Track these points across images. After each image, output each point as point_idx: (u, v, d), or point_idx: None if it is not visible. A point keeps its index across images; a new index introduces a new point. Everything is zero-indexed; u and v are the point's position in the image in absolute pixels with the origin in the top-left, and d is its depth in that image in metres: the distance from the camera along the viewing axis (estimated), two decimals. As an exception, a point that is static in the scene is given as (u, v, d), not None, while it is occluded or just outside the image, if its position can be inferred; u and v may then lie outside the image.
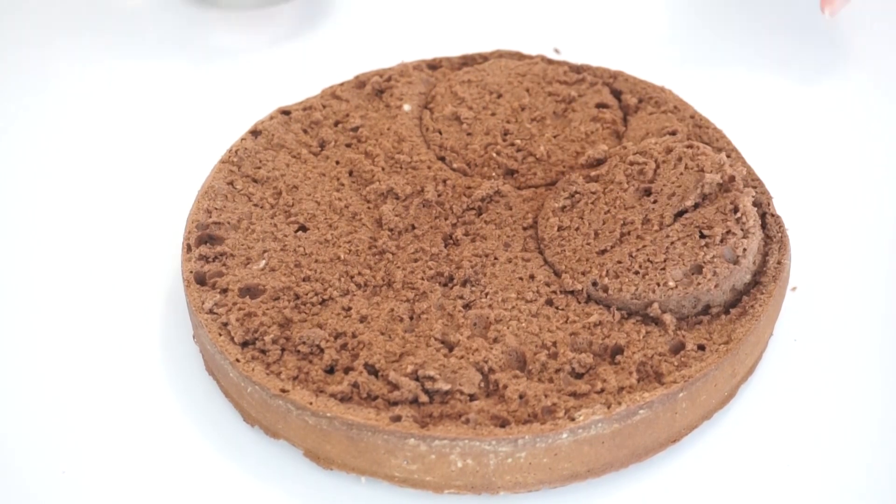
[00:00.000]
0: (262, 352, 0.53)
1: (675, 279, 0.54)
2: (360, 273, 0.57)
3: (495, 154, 0.62)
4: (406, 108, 0.65)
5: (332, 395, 0.51)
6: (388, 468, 0.51)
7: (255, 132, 0.63)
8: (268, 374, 0.52)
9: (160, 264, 0.62)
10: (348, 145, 0.63)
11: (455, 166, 0.62)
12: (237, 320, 0.54)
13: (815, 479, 0.52)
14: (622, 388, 0.51)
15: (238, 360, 0.53)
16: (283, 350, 0.54)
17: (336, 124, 0.64)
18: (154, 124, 0.71)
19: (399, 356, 0.53)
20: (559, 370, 0.52)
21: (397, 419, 0.50)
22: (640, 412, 0.51)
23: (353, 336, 0.54)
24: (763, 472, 0.53)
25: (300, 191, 0.60)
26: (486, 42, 0.73)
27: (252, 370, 0.53)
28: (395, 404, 0.51)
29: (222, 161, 0.62)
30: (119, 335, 0.59)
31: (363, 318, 0.55)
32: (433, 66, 0.68)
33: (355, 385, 0.52)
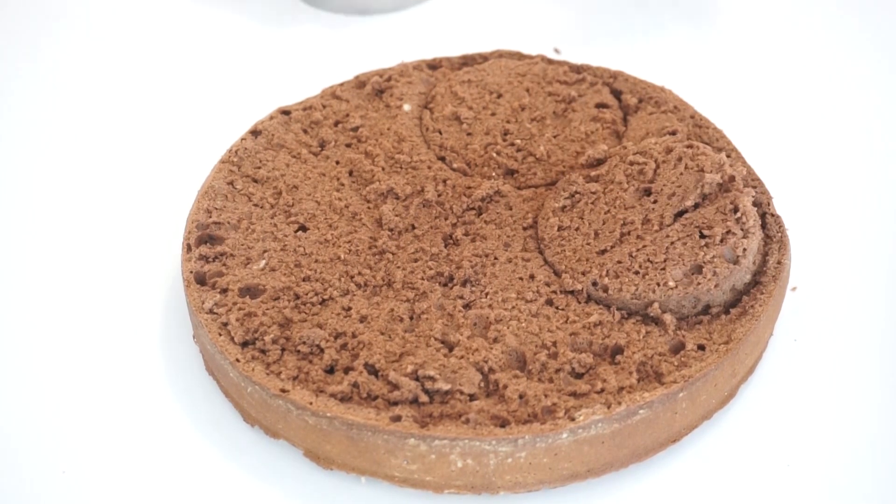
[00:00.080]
0: (262, 352, 0.53)
1: (675, 279, 0.54)
2: (360, 273, 0.57)
3: (495, 154, 0.62)
4: (406, 108, 0.65)
5: (332, 395, 0.51)
6: (388, 468, 0.51)
7: (255, 132, 0.63)
8: (268, 374, 0.52)
9: (160, 264, 0.62)
10: (348, 145, 0.63)
11: (455, 166, 0.62)
12: (237, 320, 0.54)
13: (815, 479, 0.52)
14: (622, 388, 0.51)
15: (238, 360, 0.53)
16: (283, 350, 0.54)
17: (336, 124, 0.64)
18: (154, 124, 0.71)
19: (399, 356, 0.53)
20: (559, 370, 0.52)
21: (397, 419, 0.50)
22: (640, 412, 0.51)
23: (353, 336, 0.54)
24: (763, 472, 0.53)
25: (300, 191, 0.60)
26: (486, 42, 0.73)
27: (252, 370, 0.53)
28: (395, 404, 0.51)
29: (222, 161, 0.62)
30: (119, 335, 0.59)
31: (363, 318, 0.55)
32: (433, 66, 0.68)
33: (355, 385, 0.52)
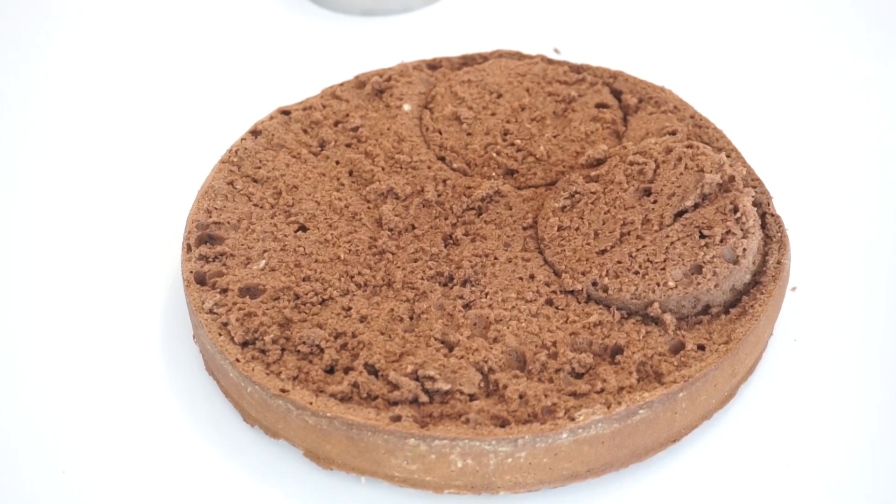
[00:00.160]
0: (262, 352, 0.53)
1: (674, 279, 0.54)
2: (360, 273, 0.57)
3: (495, 154, 0.62)
4: (406, 108, 0.65)
5: (332, 395, 0.51)
6: (388, 468, 0.51)
7: (255, 132, 0.63)
8: (268, 374, 0.52)
9: (160, 264, 0.62)
10: (348, 145, 0.63)
11: (455, 166, 0.62)
12: (237, 320, 0.54)
13: (815, 479, 0.52)
14: (622, 388, 0.51)
15: (238, 360, 0.53)
16: (283, 350, 0.54)
17: (336, 124, 0.64)
18: (154, 124, 0.71)
19: (399, 356, 0.53)
20: (559, 370, 0.52)
21: (397, 419, 0.50)
22: (640, 412, 0.51)
23: (353, 336, 0.54)
24: (763, 472, 0.53)
25: (300, 191, 0.60)
26: (486, 42, 0.73)
27: (252, 370, 0.53)
28: (395, 404, 0.51)
29: (222, 161, 0.62)
30: (119, 335, 0.59)
31: (363, 318, 0.55)
32: (433, 66, 0.68)
33: (355, 385, 0.52)
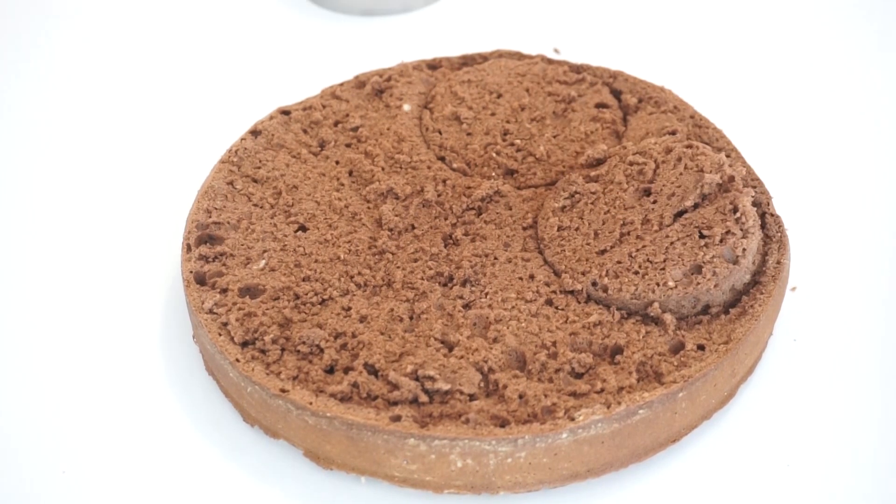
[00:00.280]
0: (262, 352, 0.53)
1: (674, 279, 0.54)
2: (359, 273, 0.57)
3: (495, 154, 0.62)
4: (406, 108, 0.65)
5: (332, 395, 0.51)
6: (388, 468, 0.51)
7: (255, 132, 0.63)
8: (268, 374, 0.53)
9: (160, 264, 0.62)
10: (348, 145, 0.63)
11: (455, 166, 0.62)
12: (237, 320, 0.54)
13: (815, 479, 0.52)
14: (622, 388, 0.51)
15: (238, 360, 0.53)
16: (282, 350, 0.54)
17: (336, 124, 0.64)
18: (154, 124, 0.71)
19: (399, 356, 0.53)
20: (559, 370, 0.52)
21: (397, 419, 0.50)
22: (640, 412, 0.51)
23: (353, 336, 0.54)
24: (763, 472, 0.53)
25: (300, 191, 0.60)
26: (486, 42, 0.73)
27: (252, 370, 0.53)
28: (395, 404, 0.51)
29: (222, 161, 0.62)
30: (119, 335, 0.59)
31: (363, 318, 0.55)
32: (433, 66, 0.68)
33: (355, 385, 0.52)
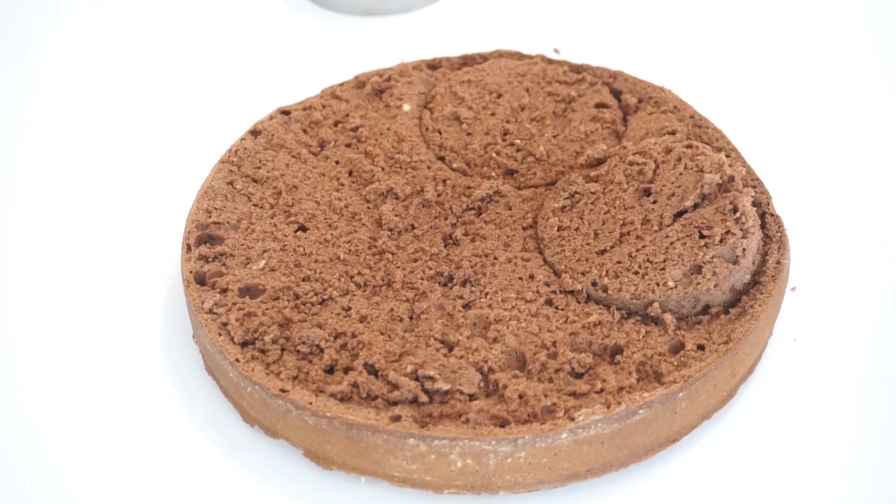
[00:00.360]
0: (262, 352, 0.53)
1: (674, 279, 0.54)
2: (359, 273, 0.57)
3: (495, 154, 0.62)
4: (406, 108, 0.65)
5: (332, 395, 0.51)
6: (388, 468, 0.51)
7: (254, 132, 0.63)
8: (268, 374, 0.53)
9: (160, 264, 0.62)
10: (348, 145, 0.63)
11: (455, 166, 0.62)
12: (237, 320, 0.54)
13: (815, 479, 0.52)
14: (622, 388, 0.51)
15: (238, 360, 0.53)
16: (282, 350, 0.54)
17: (336, 124, 0.64)
18: (154, 124, 0.71)
19: (399, 356, 0.53)
20: (559, 370, 0.52)
21: (397, 419, 0.50)
22: (640, 412, 0.51)
23: (353, 336, 0.54)
24: (763, 472, 0.53)
25: (300, 191, 0.60)
26: (486, 42, 0.73)
27: (252, 370, 0.53)
28: (395, 404, 0.51)
29: (222, 161, 0.62)
30: (119, 335, 0.59)
31: (363, 318, 0.55)
32: (433, 66, 0.68)
33: (355, 385, 0.52)
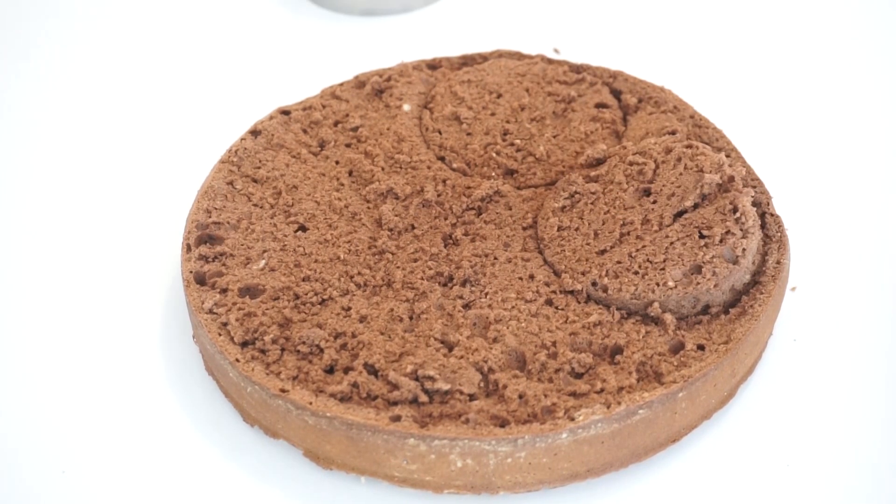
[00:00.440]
0: (262, 352, 0.53)
1: (674, 279, 0.54)
2: (359, 273, 0.57)
3: (495, 154, 0.62)
4: (406, 108, 0.65)
5: (332, 395, 0.51)
6: (388, 468, 0.51)
7: (254, 132, 0.63)
8: (267, 374, 0.53)
9: (160, 264, 0.62)
10: (348, 145, 0.63)
11: (455, 166, 0.62)
12: (237, 320, 0.54)
13: (814, 479, 0.52)
14: (622, 388, 0.51)
15: (238, 360, 0.53)
16: (282, 350, 0.54)
17: (336, 124, 0.64)
18: (154, 124, 0.71)
19: (399, 356, 0.53)
20: (559, 370, 0.52)
21: (397, 419, 0.50)
22: (640, 412, 0.51)
23: (353, 336, 0.54)
24: (763, 472, 0.53)
25: (300, 191, 0.60)
26: (486, 42, 0.73)
27: (252, 370, 0.53)
28: (395, 404, 0.51)
29: (222, 161, 0.62)
30: (119, 335, 0.59)
31: (363, 318, 0.55)
32: (433, 66, 0.68)
33: (355, 385, 0.52)
